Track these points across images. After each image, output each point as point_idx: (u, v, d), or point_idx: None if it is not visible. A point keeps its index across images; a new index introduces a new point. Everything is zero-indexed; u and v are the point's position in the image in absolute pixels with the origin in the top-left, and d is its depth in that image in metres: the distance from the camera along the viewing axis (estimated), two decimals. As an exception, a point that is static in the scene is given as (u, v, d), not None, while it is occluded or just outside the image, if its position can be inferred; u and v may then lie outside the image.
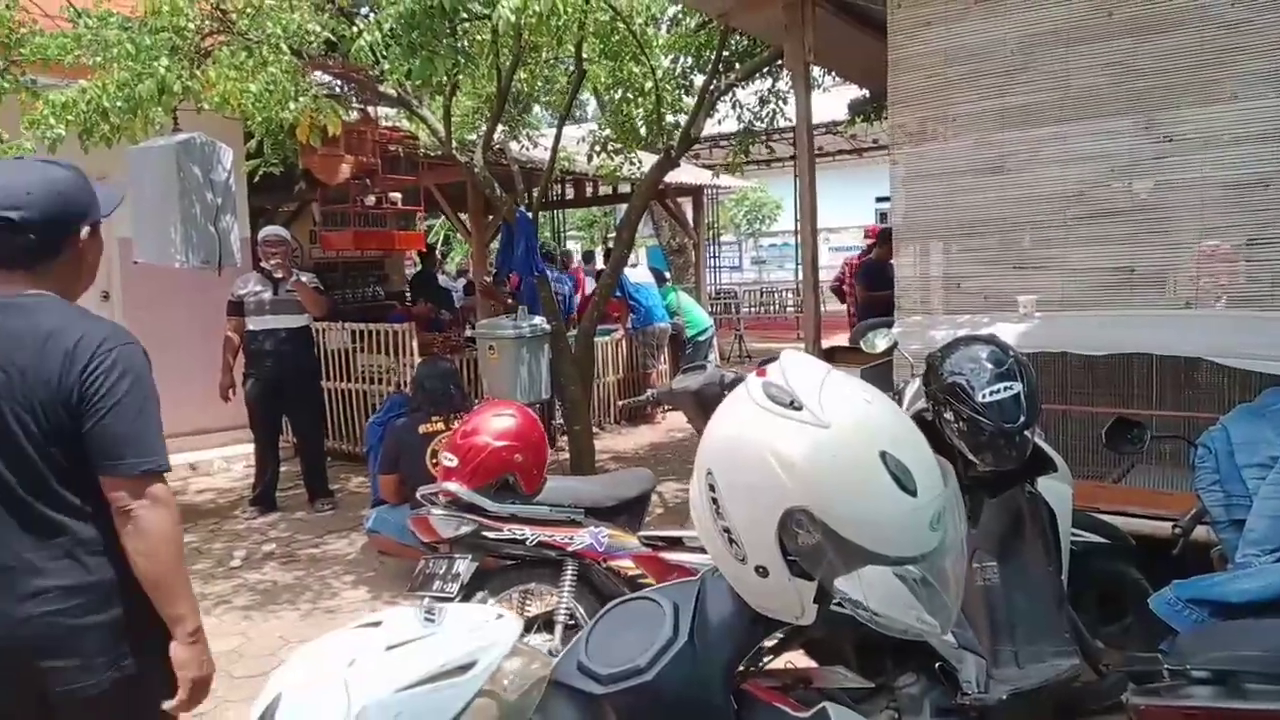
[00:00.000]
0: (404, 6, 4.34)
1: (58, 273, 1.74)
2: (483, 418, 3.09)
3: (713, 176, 12.27)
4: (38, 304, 1.69)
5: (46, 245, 1.71)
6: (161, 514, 1.68)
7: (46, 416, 1.63)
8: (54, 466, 1.66)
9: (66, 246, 1.74)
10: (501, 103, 6.11)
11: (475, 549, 3.00)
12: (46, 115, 4.26)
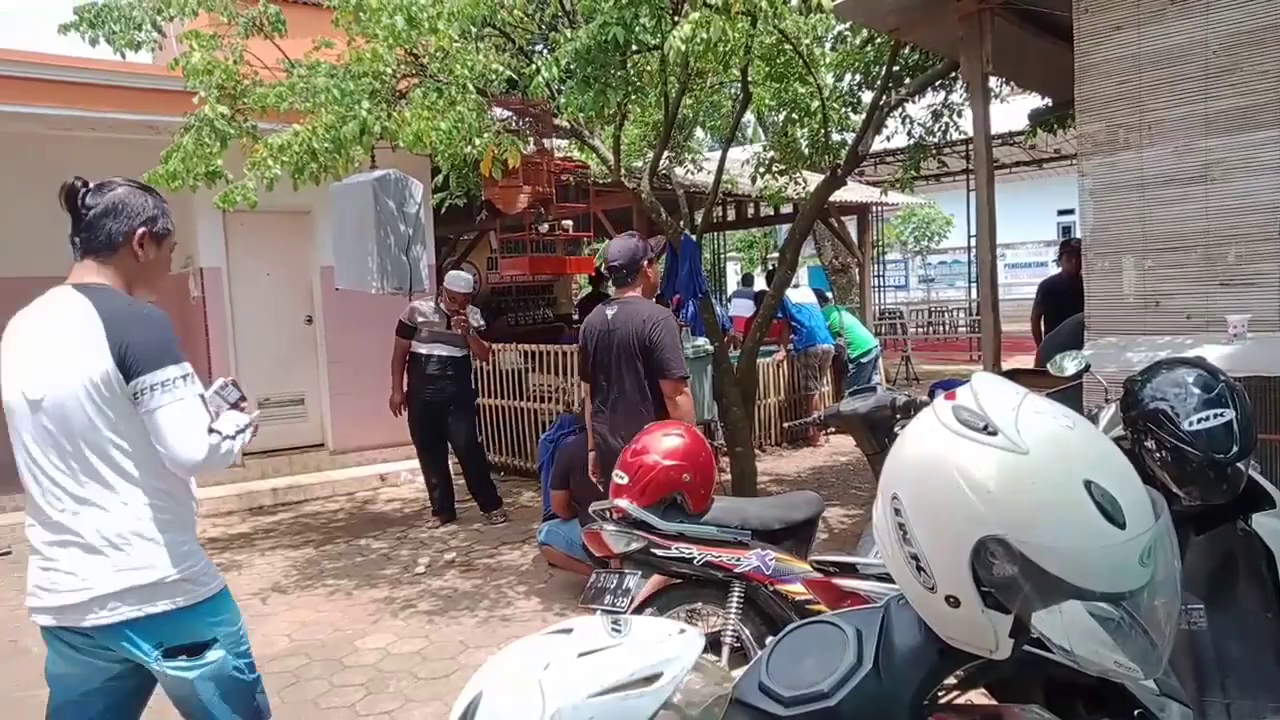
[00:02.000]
0: (580, 43, 4.53)
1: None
2: (652, 437, 3.16)
3: (881, 194, 11.97)
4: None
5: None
6: None
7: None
8: None
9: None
10: (668, 130, 6.24)
11: (644, 565, 3.05)
12: (265, 158, 4.74)
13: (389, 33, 4.37)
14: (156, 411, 1.96)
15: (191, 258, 7.50)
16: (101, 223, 2.08)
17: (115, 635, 2.00)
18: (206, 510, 6.84)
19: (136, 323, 2.00)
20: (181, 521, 2.10)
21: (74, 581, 1.97)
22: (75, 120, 6.49)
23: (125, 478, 2.00)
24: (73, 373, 1.96)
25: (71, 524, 1.98)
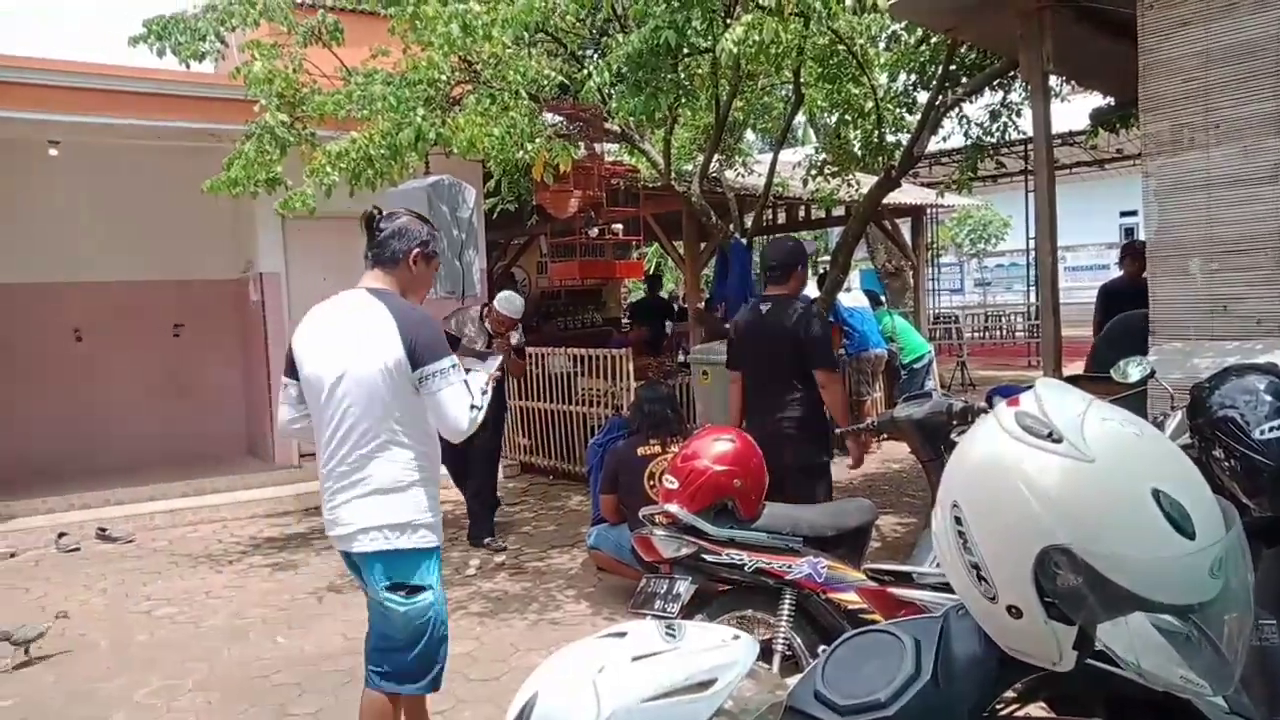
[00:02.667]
0: (631, 48, 4.55)
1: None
2: (703, 442, 3.15)
3: (936, 195, 11.79)
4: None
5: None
6: None
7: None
8: None
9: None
10: (719, 132, 6.24)
11: (694, 571, 3.04)
12: (323, 164, 4.85)
13: (444, 40, 4.44)
14: (437, 394, 2.55)
15: (251, 263, 7.71)
16: (389, 242, 2.68)
17: (366, 562, 2.61)
18: (265, 510, 7.02)
19: (421, 323, 2.59)
20: (433, 479, 2.69)
21: (348, 516, 2.59)
22: (144, 129, 6.71)
23: (396, 442, 2.58)
24: (371, 357, 2.53)
25: (352, 475, 2.58)
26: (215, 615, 4.74)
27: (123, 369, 7.81)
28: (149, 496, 6.89)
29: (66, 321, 7.60)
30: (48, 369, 7.51)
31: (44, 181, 7.32)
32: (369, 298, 2.61)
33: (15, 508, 6.49)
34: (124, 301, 7.74)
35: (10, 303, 7.28)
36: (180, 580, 5.40)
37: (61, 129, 6.61)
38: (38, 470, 7.21)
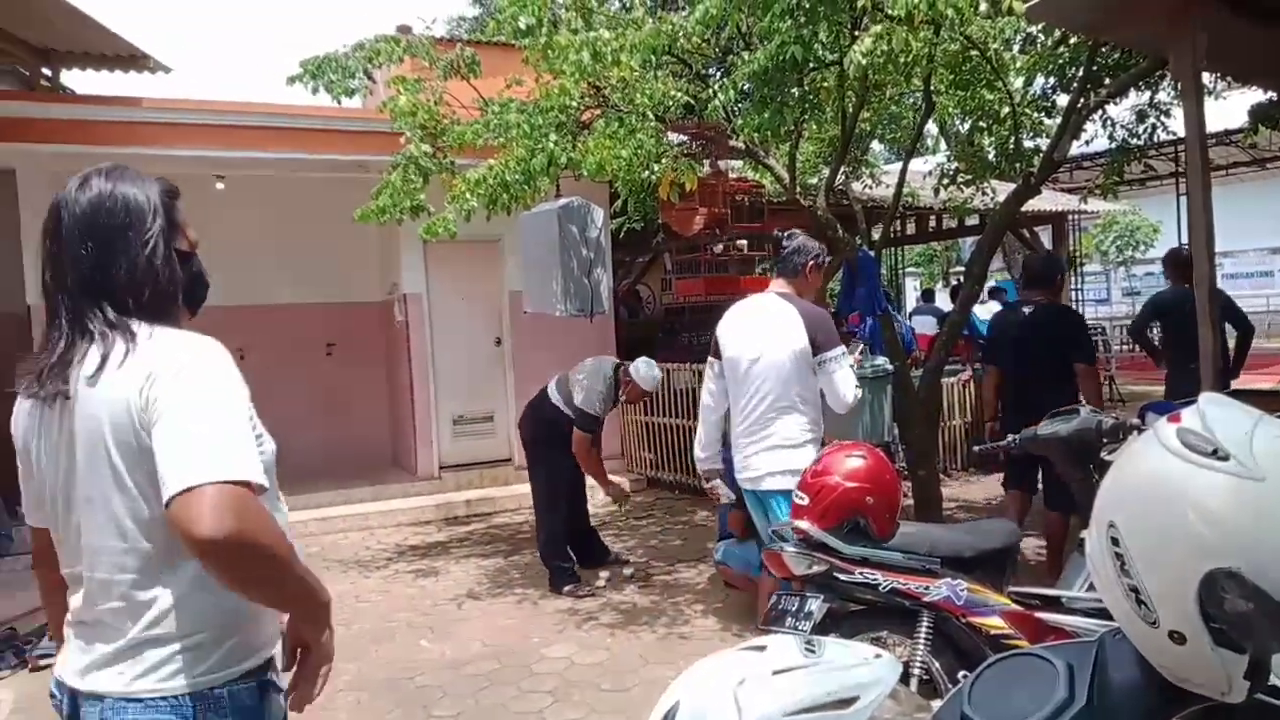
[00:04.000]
0: (757, 65, 4.56)
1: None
2: (834, 457, 3.11)
3: (1079, 201, 11.20)
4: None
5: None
6: None
7: None
8: None
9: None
10: (845, 145, 6.16)
11: (826, 589, 3.00)
12: (463, 191, 5.09)
13: (575, 68, 4.59)
14: (833, 375, 3.43)
15: (396, 285, 8.15)
16: (791, 257, 3.60)
17: (771, 498, 3.46)
18: (408, 519, 7.38)
19: (820, 319, 3.48)
20: (819, 439, 3.54)
21: (758, 463, 3.49)
22: (300, 163, 7.24)
23: (796, 409, 3.46)
24: (783, 344, 3.44)
25: (760, 432, 3.48)
26: (364, 618, 5.01)
27: (281, 386, 8.37)
28: (304, 505, 7.38)
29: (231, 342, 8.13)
30: (215, 386, 8.15)
31: (211, 213, 7.95)
32: (779, 300, 3.53)
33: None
34: (282, 323, 8.34)
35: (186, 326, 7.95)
36: (332, 584, 5.70)
37: (227, 164, 7.22)
38: (207, 479, 7.83)
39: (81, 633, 1.41)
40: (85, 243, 1.41)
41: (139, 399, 1.31)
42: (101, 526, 1.36)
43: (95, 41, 6.79)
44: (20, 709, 4.05)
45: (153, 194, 1.49)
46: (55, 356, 1.39)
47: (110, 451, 1.34)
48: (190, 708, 1.34)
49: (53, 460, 1.41)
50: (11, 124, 6.34)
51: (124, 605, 1.35)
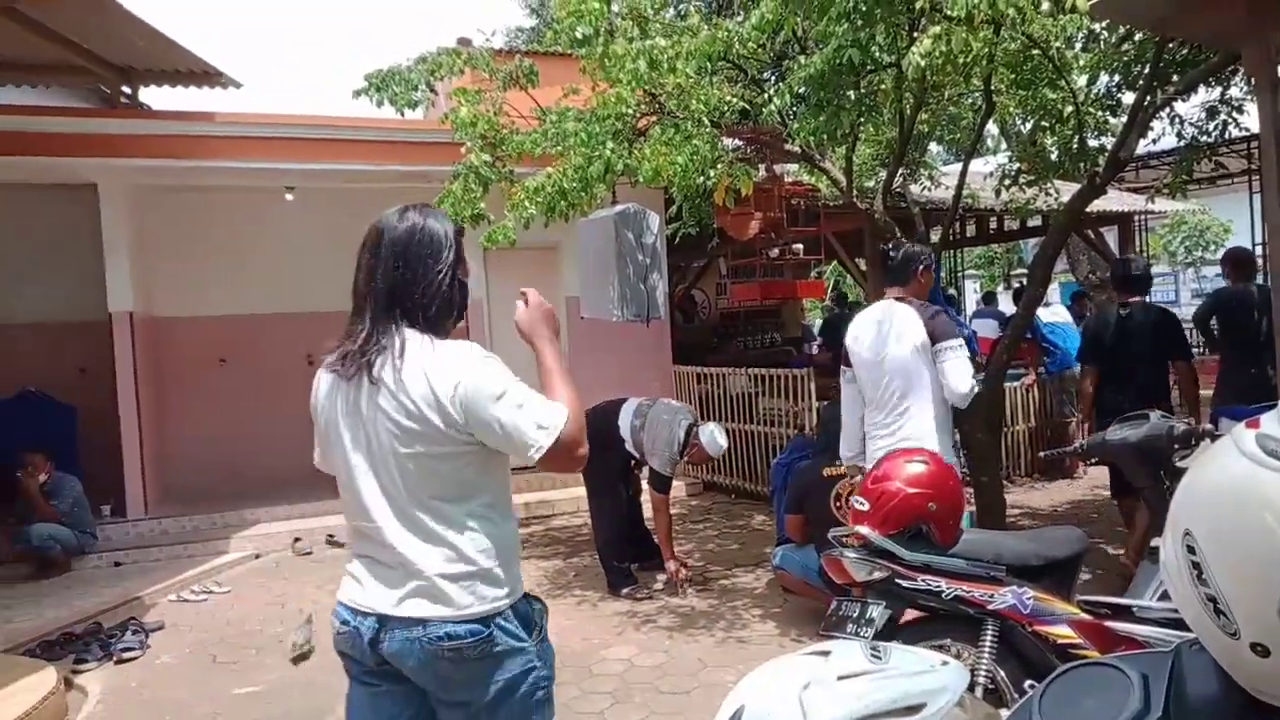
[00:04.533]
0: (814, 69, 4.55)
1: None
2: (896, 463, 3.08)
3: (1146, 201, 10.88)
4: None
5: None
6: None
7: None
8: None
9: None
10: (903, 147, 6.10)
11: (887, 596, 2.98)
12: (523, 199, 5.18)
13: (631, 76, 4.64)
14: (946, 364, 3.63)
15: (456, 292, 8.30)
16: (903, 266, 3.88)
17: None
18: (467, 521, 7.49)
19: (936, 315, 3.74)
20: (947, 429, 3.79)
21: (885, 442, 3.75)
22: (365, 173, 7.43)
23: (922, 401, 3.71)
24: (905, 343, 3.71)
25: (891, 426, 3.76)
26: (427, 618, 5.12)
27: (345, 390, 8.62)
28: (369, 506, 7.55)
29: (299, 348, 8.48)
30: (283, 390, 8.38)
31: (280, 223, 8.24)
32: (897, 304, 3.83)
33: (260, 514, 7.31)
34: (346, 329, 8.54)
35: (253, 331, 8.23)
36: (396, 585, 5.87)
37: (296, 176, 7.44)
38: (276, 481, 8.08)
39: (380, 572, 1.81)
40: (397, 263, 1.82)
41: (450, 393, 1.73)
42: (392, 486, 1.78)
43: (172, 59, 7.07)
44: (105, 699, 4.23)
45: (449, 232, 1.90)
46: (356, 345, 1.80)
47: (403, 429, 1.75)
48: (483, 623, 1.78)
49: (346, 427, 1.83)
50: (95, 140, 6.64)
51: (424, 547, 1.77)
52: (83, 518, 6.48)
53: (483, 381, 1.75)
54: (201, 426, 8.10)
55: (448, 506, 1.79)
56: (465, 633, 1.77)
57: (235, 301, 8.18)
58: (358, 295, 1.87)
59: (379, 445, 1.78)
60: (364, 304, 1.84)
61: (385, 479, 1.79)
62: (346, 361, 1.81)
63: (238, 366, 8.23)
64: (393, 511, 1.78)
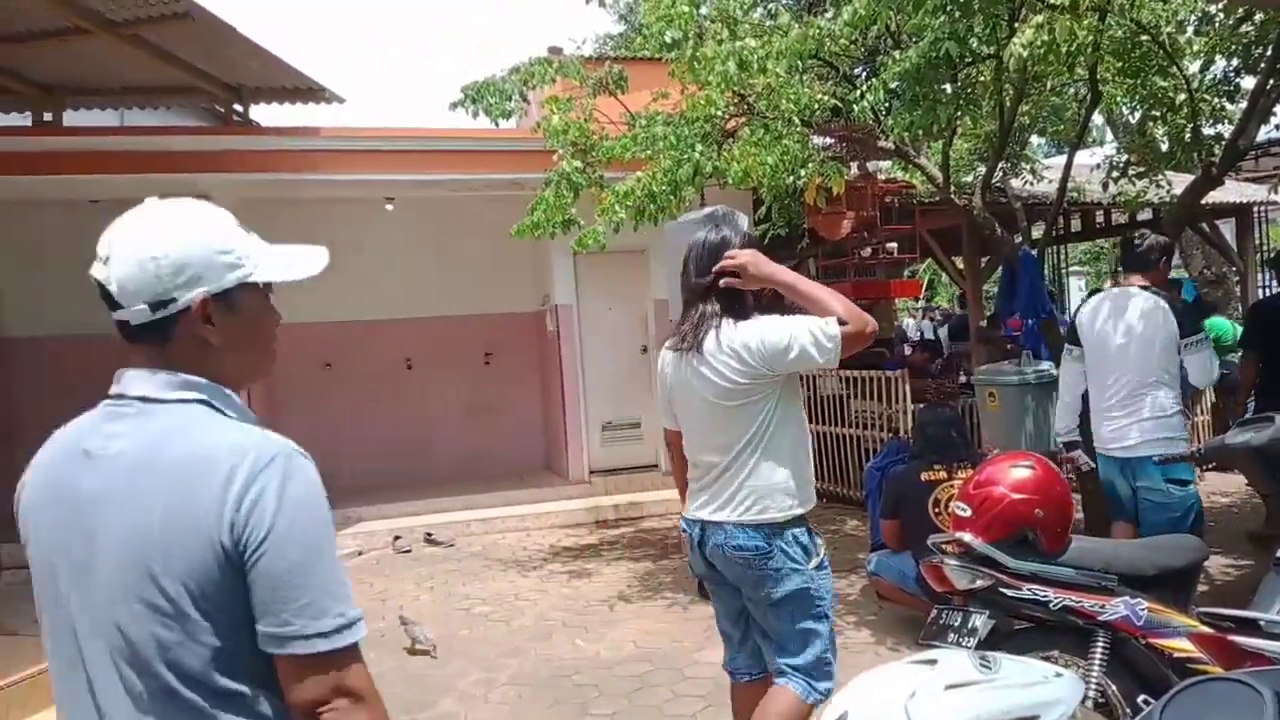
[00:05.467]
0: (909, 63, 4.47)
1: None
2: (999, 467, 2.99)
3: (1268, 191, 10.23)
4: None
5: None
6: None
7: None
8: None
9: None
10: (1003, 140, 5.91)
11: (990, 605, 2.89)
12: (612, 204, 5.24)
13: (721, 78, 4.64)
14: (1193, 355, 3.79)
15: (548, 296, 8.45)
16: (1146, 254, 3.98)
17: (1144, 466, 3.82)
18: (561, 522, 7.62)
19: (1181, 308, 3.90)
20: (1183, 411, 3.89)
21: (1134, 434, 3.86)
22: (461, 183, 7.65)
23: (1163, 384, 3.82)
24: (1155, 329, 3.80)
25: (1131, 406, 3.86)
26: (522, 616, 5.23)
27: (444, 393, 8.90)
28: (465, 506, 7.77)
29: (400, 352, 8.80)
30: (385, 393, 8.73)
31: (381, 232, 8.55)
32: (1141, 292, 3.91)
33: (362, 512, 7.60)
34: (444, 334, 8.83)
35: (356, 337, 8.57)
36: (493, 582, 6.01)
37: (395, 186, 7.71)
38: (377, 481, 8.39)
39: (701, 494, 2.60)
40: (709, 265, 2.54)
41: (757, 347, 2.43)
42: (713, 430, 2.56)
43: (280, 77, 7.41)
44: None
45: (734, 238, 2.62)
46: (689, 327, 2.55)
47: (720, 388, 2.48)
48: (766, 532, 2.47)
49: (683, 390, 2.60)
50: (212, 156, 7.03)
51: (731, 474, 2.52)
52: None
53: (772, 336, 2.42)
54: (308, 427, 8.45)
55: (757, 445, 2.49)
56: (752, 546, 2.46)
57: (339, 308, 8.52)
58: (687, 290, 2.63)
59: (704, 400, 2.52)
60: (692, 298, 2.59)
61: (709, 427, 2.54)
62: (683, 341, 2.55)
63: (342, 370, 8.59)
64: (713, 450, 2.55)
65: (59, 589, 1.14)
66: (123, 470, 1.11)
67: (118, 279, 1.14)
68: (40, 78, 7.32)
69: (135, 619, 1.09)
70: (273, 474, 1.10)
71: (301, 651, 1.10)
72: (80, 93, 7.69)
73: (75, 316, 7.93)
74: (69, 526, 1.13)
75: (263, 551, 1.08)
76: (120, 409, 1.17)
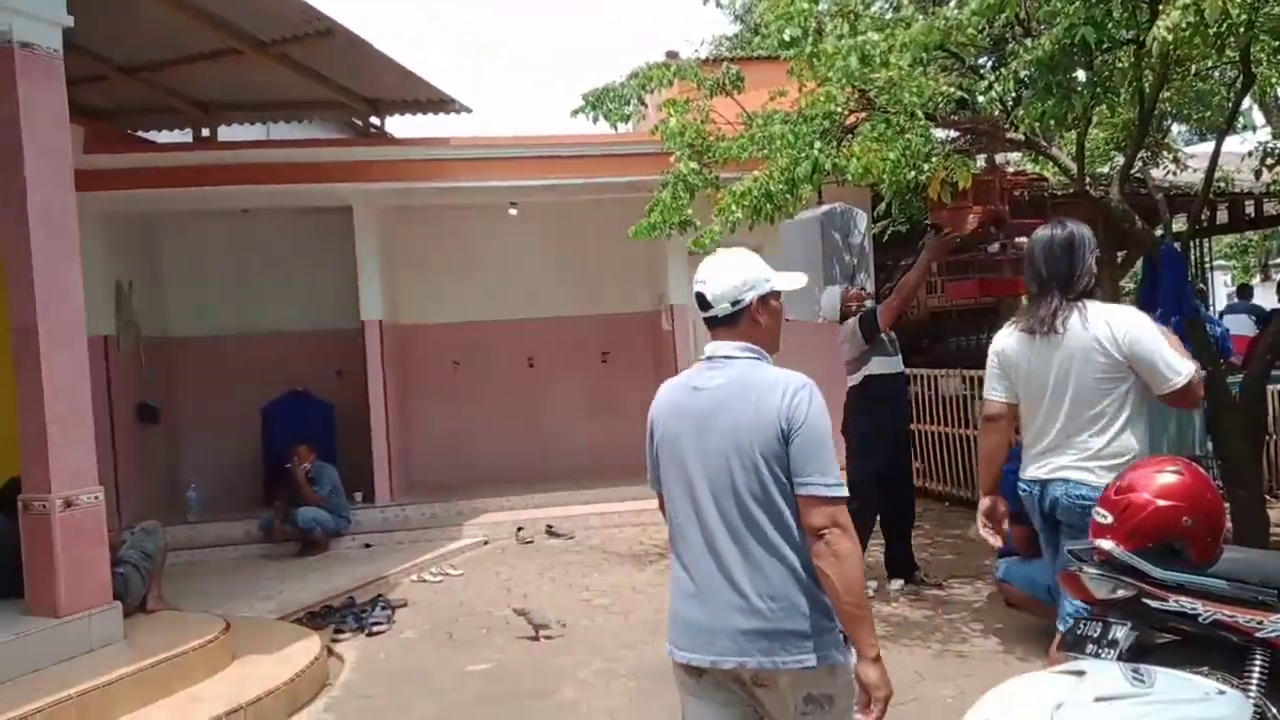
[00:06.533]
0: (1041, 51, 4.30)
1: None
2: (1143, 473, 2.85)
3: None
4: None
5: None
6: None
7: None
8: None
9: None
10: (1143, 128, 5.60)
11: (1132, 616, 2.76)
12: (729, 203, 5.25)
13: (841, 73, 4.58)
14: None
15: (663, 296, 8.54)
16: None
17: None
18: (648, 520, 7.67)
19: None
20: None
21: None
22: (581, 187, 7.84)
23: None
24: None
25: None
26: (640, 609, 5.32)
27: (563, 391, 9.13)
28: (585, 500, 7.97)
29: (522, 351, 9.08)
30: (509, 391, 9.03)
31: (505, 236, 8.85)
32: None
33: (488, 504, 7.90)
34: (564, 333, 9.06)
35: (482, 336, 8.90)
36: (610, 575, 6.14)
37: (519, 192, 7.97)
38: (500, 474, 8.69)
39: (1045, 455, 3.07)
40: (1061, 257, 2.95)
41: (1123, 336, 2.86)
42: (1076, 404, 2.93)
43: (415, 90, 7.79)
44: (358, 667, 4.74)
45: (1089, 235, 3.01)
46: (1045, 312, 2.94)
47: (1086, 365, 2.89)
48: (1089, 497, 2.90)
49: (1037, 371, 2.98)
50: (353, 167, 7.48)
51: (1090, 437, 2.95)
52: (339, 503, 7.27)
53: (1141, 333, 2.84)
54: (438, 423, 8.87)
55: (1103, 422, 2.94)
56: (1091, 497, 2.87)
57: (466, 309, 8.88)
58: (1041, 283, 2.98)
59: (1069, 375, 2.91)
60: (1044, 289, 2.97)
61: (1074, 400, 2.93)
62: (1039, 324, 2.94)
63: (469, 369, 8.94)
64: (1060, 422, 2.98)
65: (681, 459, 2.04)
66: (722, 393, 2.02)
67: (712, 292, 2.06)
68: (198, 96, 7.93)
69: (730, 469, 1.96)
70: (804, 393, 1.96)
71: (815, 494, 1.90)
72: (232, 109, 8.29)
73: (230, 319, 8.60)
74: (687, 425, 2.05)
75: (799, 434, 1.92)
76: (714, 364, 2.07)
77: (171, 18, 6.24)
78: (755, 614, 1.94)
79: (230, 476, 8.39)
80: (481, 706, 4.09)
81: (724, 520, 1.98)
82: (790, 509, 1.95)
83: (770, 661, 1.93)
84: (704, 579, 2.01)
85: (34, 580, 4.16)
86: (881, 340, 5.41)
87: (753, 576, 1.96)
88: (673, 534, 2.14)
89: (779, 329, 2.16)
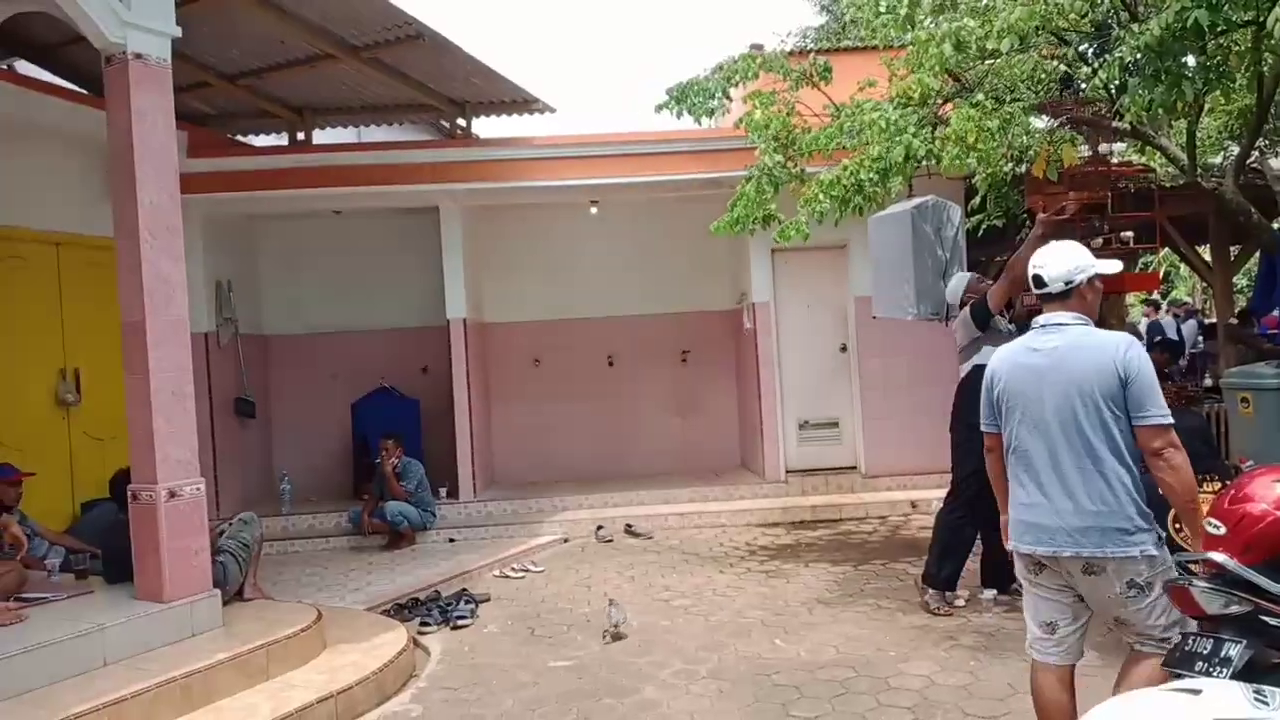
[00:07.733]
0: (1150, 36, 4.07)
1: None
2: (1261, 482, 2.65)
3: None
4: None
5: None
6: None
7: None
8: None
9: None
10: (1261, 116, 5.26)
11: (1246, 633, 2.57)
12: (817, 194, 5.14)
13: (936, 60, 4.43)
14: None
15: (745, 294, 8.44)
16: None
17: None
18: (757, 520, 7.61)
19: None
20: None
21: None
22: (663, 184, 7.82)
23: None
24: None
25: None
26: (721, 611, 5.26)
27: (643, 390, 9.13)
28: (664, 500, 7.93)
29: (602, 350, 9.12)
30: (589, 390, 9.07)
31: (585, 234, 8.90)
32: None
33: (567, 502, 7.95)
34: (644, 332, 9.05)
35: (564, 336, 8.97)
36: (691, 576, 6.09)
37: (600, 190, 7.99)
38: (580, 472, 8.75)
39: None
40: None
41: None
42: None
43: (500, 91, 7.91)
44: (443, 660, 4.81)
45: None
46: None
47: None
48: None
49: None
50: (441, 168, 7.63)
51: None
52: (425, 498, 7.43)
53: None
54: (519, 420, 8.98)
55: None
56: None
57: (547, 307, 8.97)
58: None
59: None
60: None
61: None
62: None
63: (550, 367, 9.02)
64: None
65: (1026, 402, 2.76)
66: (1060, 352, 2.71)
67: (1049, 274, 2.75)
68: (294, 101, 8.22)
69: (1074, 407, 2.67)
70: (1134, 349, 2.65)
71: (1154, 423, 2.61)
72: (325, 112, 8.56)
73: (322, 317, 8.90)
74: (1029, 376, 2.76)
75: (1136, 380, 2.62)
76: (1049, 330, 2.74)
77: (271, 25, 6.48)
78: (1089, 514, 2.65)
79: (321, 470, 8.67)
80: (563, 703, 4.10)
81: (1068, 444, 2.68)
82: (1120, 434, 2.65)
83: (1100, 551, 2.64)
84: (1049, 489, 2.71)
85: (141, 567, 4.36)
86: (996, 329, 5.05)
87: (1088, 487, 2.66)
88: (1012, 461, 2.84)
89: (1098, 303, 2.84)
